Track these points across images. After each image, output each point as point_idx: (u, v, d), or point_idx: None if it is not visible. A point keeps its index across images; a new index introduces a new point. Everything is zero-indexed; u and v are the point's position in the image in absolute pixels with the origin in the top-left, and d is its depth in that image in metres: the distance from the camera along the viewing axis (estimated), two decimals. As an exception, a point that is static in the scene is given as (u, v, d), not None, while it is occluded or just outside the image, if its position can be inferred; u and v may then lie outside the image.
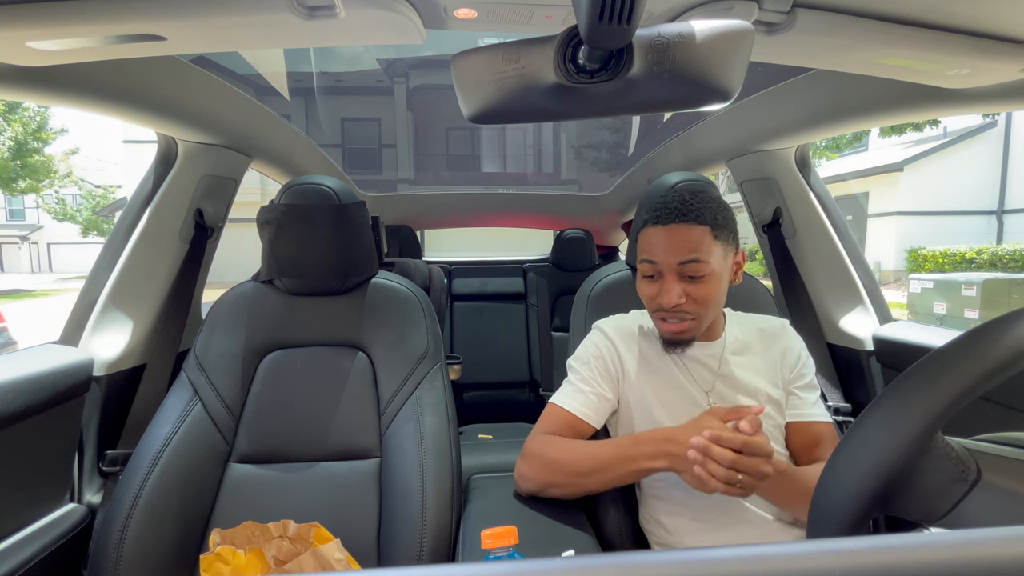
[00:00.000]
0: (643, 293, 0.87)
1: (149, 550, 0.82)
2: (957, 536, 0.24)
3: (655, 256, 0.83)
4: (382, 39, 0.70)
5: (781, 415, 0.87)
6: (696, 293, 0.81)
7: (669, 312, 0.83)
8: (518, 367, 2.38)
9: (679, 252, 0.81)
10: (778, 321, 0.96)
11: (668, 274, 0.82)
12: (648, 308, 0.88)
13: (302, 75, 1.79)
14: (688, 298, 0.82)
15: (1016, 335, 0.39)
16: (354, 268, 1.03)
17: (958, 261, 9.29)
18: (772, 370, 0.89)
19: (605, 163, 2.63)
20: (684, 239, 0.81)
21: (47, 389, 0.90)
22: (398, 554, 0.84)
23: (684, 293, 0.81)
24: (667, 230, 0.82)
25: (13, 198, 15.97)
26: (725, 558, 0.23)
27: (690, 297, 0.82)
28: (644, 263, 0.84)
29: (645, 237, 0.85)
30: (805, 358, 0.92)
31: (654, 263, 0.83)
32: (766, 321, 0.95)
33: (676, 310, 0.82)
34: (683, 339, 0.86)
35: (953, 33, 0.68)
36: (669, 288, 0.81)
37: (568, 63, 0.52)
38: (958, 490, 0.41)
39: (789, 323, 0.96)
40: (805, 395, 0.89)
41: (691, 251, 0.80)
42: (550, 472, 0.84)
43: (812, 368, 0.92)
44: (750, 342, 0.91)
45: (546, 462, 0.84)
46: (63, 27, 0.61)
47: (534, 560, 0.24)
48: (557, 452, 0.84)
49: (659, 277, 0.84)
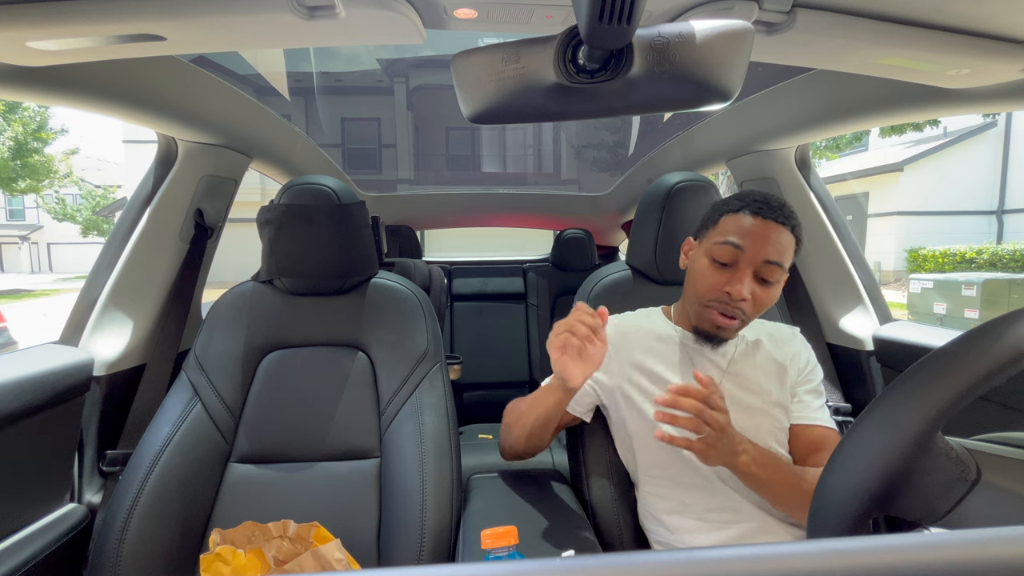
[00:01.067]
0: (705, 278, 0.83)
1: (149, 550, 0.82)
2: (957, 536, 0.24)
3: (744, 243, 0.79)
4: (382, 39, 0.70)
5: (786, 418, 0.87)
6: (762, 297, 0.80)
7: (731, 305, 0.80)
8: (518, 367, 2.38)
9: (770, 250, 0.78)
10: (788, 328, 0.96)
11: (747, 267, 0.79)
12: (701, 294, 0.84)
13: (302, 75, 1.79)
14: (752, 300, 0.79)
15: (1016, 335, 0.39)
16: (354, 268, 1.03)
17: (958, 261, 9.29)
18: (780, 373, 0.89)
19: (605, 163, 2.63)
20: (777, 239, 0.79)
21: (47, 389, 0.90)
22: (398, 554, 0.84)
23: (750, 294, 0.79)
24: (765, 224, 0.79)
25: (13, 198, 15.98)
26: (725, 558, 0.23)
27: (755, 297, 0.79)
28: (726, 246, 0.80)
29: (736, 222, 0.81)
30: (813, 364, 0.91)
31: (740, 249, 0.79)
32: (776, 327, 0.95)
33: (738, 305, 0.79)
34: (724, 336, 0.84)
35: (953, 33, 0.68)
36: (743, 279, 0.79)
37: (568, 63, 0.52)
38: (958, 490, 0.41)
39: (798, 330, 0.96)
40: (810, 399, 0.88)
41: (779, 254, 0.79)
42: (506, 428, 0.93)
43: (820, 375, 0.91)
44: (760, 344, 0.91)
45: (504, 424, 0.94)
46: (63, 27, 0.61)
47: (534, 560, 0.24)
48: (509, 414, 0.94)
49: (733, 266, 0.80)
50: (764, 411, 0.85)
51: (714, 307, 0.82)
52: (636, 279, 1.10)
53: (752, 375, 0.88)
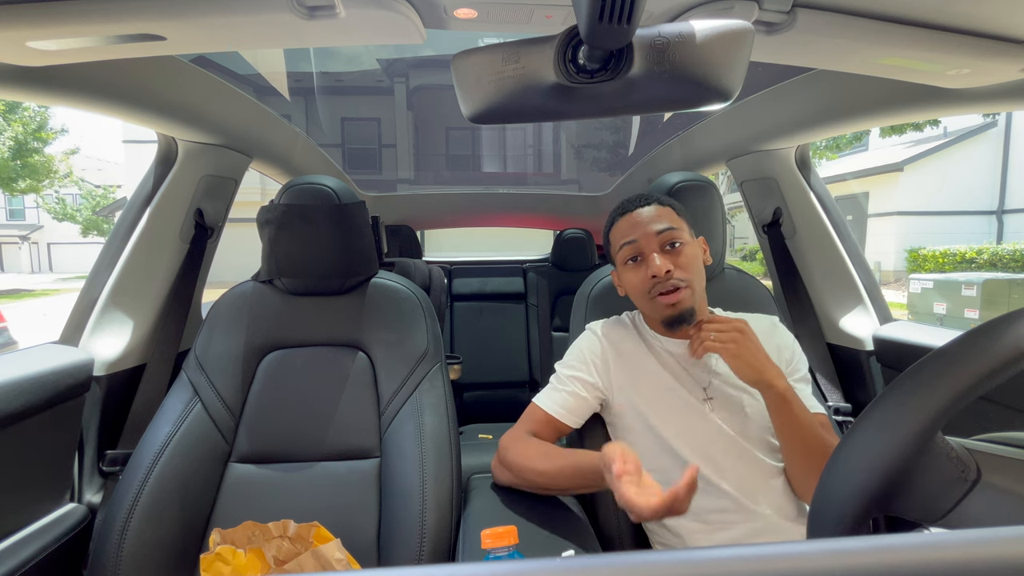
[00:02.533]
0: (630, 281, 0.90)
1: (149, 550, 0.82)
2: (957, 536, 0.24)
3: (634, 235, 0.88)
4: (382, 39, 0.70)
5: None
6: (679, 262, 0.86)
7: (663, 282, 0.85)
8: (518, 367, 2.37)
9: (654, 225, 0.87)
10: (767, 318, 0.98)
11: (649, 250, 0.87)
12: (639, 293, 0.89)
13: (302, 75, 1.79)
14: (675, 267, 0.86)
15: (1016, 335, 0.39)
16: (354, 268, 1.03)
17: (958, 261, 9.29)
18: None
19: (605, 163, 2.63)
20: (654, 215, 0.88)
21: (47, 389, 0.90)
22: (398, 554, 0.84)
23: (669, 264, 0.85)
24: (637, 214, 0.89)
25: (13, 198, 15.97)
26: (725, 558, 0.23)
27: (676, 266, 0.86)
28: (625, 246, 0.89)
29: (618, 229, 0.91)
30: (799, 353, 0.94)
31: (634, 242, 0.88)
32: (755, 320, 0.95)
33: (668, 278, 0.85)
34: (684, 310, 0.86)
35: (953, 33, 0.68)
36: (653, 260, 0.85)
37: (568, 63, 0.52)
38: (958, 490, 0.41)
39: (779, 320, 0.98)
40: (800, 387, 0.90)
41: (661, 220, 0.88)
42: (518, 473, 0.88)
43: (805, 363, 0.94)
44: None
45: (505, 461, 0.90)
46: (63, 27, 0.61)
47: (534, 560, 0.24)
48: (516, 454, 0.88)
49: (641, 258, 0.88)
50: (754, 406, 0.86)
51: (655, 294, 0.87)
52: None
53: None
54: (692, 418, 0.86)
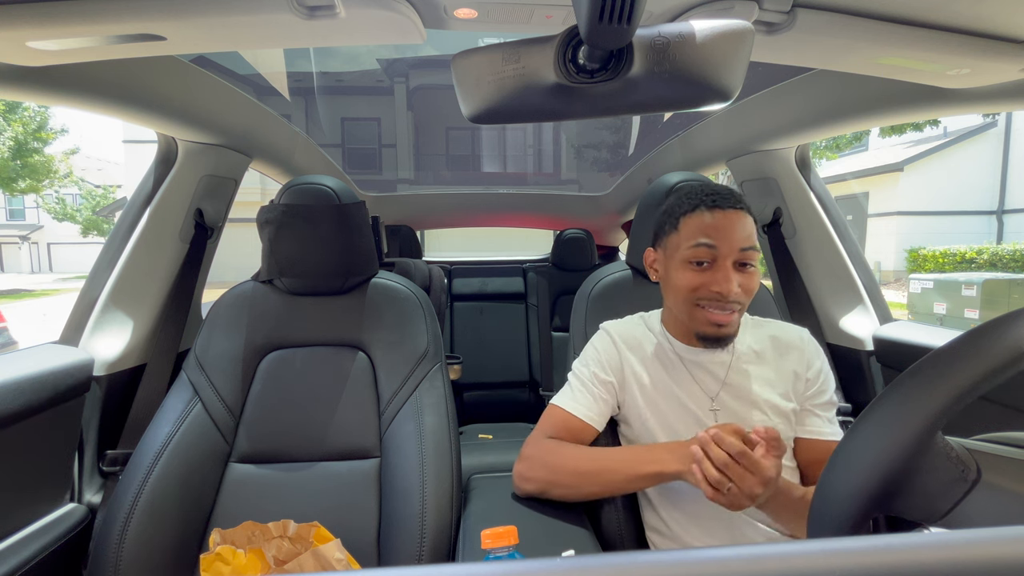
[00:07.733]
0: (682, 280, 0.81)
1: (149, 550, 0.82)
2: (957, 536, 0.24)
3: (715, 240, 0.77)
4: (382, 39, 0.70)
5: (790, 428, 0.84)
6: (747, 284, 0.78)
7: (725, 302, 0.77)
8: (518, 367, 2.38)
9: (741, 237, 0.77)
10: (796, 330, 0.90)
11: (726, 261, 0.78)
12: (685, 296, 0.81)
13: (302, 75, 1.79)
14: (740, 287, 0.78)
15: (1016, 335, 0.39)
16: (354, 268, 1.03)
17: (958, 261, 9.29)
18: (784, 382, 0.85)
19: (605, 163, 2.63)
20: (743, 224, 0.78)
21: (47, 389, 0.90)
22: (398, 554, 0.84)
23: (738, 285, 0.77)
24: (726, 215, 0.78)
25: (13, 198, 15.98)
26: (725, 558, 0.23)
27: (741, 287, 0.78)
28: (700, 247, 0.78)
29: (698, 221, 0.79)
30: (826, 374, 0.86)
31: (713, 248, 0.78)
32: (782, 329, 0.90)
33: (732, 298, 0.77)
34: (728, 333, 0.80)
35: (953, 33, 0.68)
36: (728, 275, 0.77)
37: (568, 63, 0.52)
38: (958, 490, 0.41)
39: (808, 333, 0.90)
40: (823, 412, 0.85)
41: (750, 237, 0.78)
42: (554, 473, 0.83)
43: (832, 385, 0.87)
44: (762, 351, 0.87)
45: (548, 464, 0.83)
46: (63, 27, 0.61)
47: (534, 560, 0.24)
48: (560, 455, 0.83)
49: (711, 265, 0.79)
50: (764, 421, 0.82)
51: (706, 306, 0.80)
52: (636, 279, 1.09)
53: (752, 386, 0.84)
54: (695, 428, 0.81)
